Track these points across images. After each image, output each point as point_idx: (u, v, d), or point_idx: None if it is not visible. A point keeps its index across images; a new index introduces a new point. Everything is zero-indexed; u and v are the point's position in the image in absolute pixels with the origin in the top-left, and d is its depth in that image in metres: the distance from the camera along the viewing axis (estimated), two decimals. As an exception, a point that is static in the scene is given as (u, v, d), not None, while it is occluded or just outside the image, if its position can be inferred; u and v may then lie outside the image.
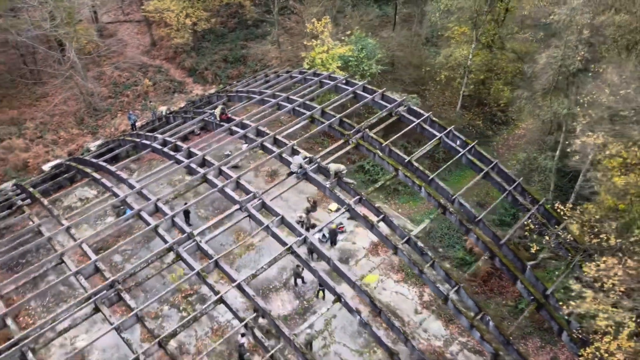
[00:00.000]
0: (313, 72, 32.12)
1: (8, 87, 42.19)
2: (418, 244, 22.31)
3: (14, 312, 18.33)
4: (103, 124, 39.81)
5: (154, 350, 17.25)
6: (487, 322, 20.97)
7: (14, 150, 35.91)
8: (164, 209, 21.76)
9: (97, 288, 18.12)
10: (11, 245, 21.65)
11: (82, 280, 18.62)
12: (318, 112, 27.38)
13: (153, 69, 46.15)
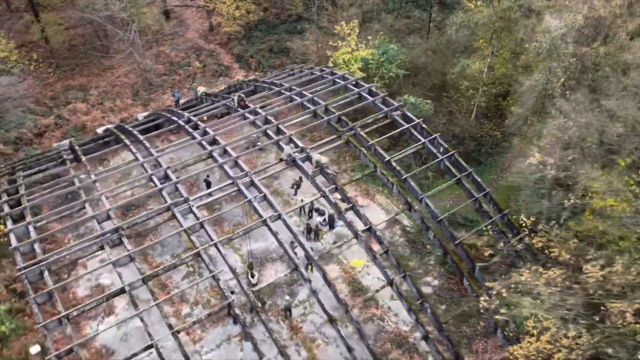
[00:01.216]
0: (330, 71, 35.65)
1: (82, 57, 48.89)
2: (377, 233, 25.58)
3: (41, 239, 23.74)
4: (154, 98, 45.46)
5: (137, 285, 21.98)
6: (425, 308, 24.00)
7: (77, 113, 42.33)
8: (171, 176, 26.44)
9: (104, 231, 23.12)
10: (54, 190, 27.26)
11: (95, 224, 23.70)
12: (322, 108, 30.99)
13: (206, 53, 51.32)
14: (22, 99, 42.79)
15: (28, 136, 40.69)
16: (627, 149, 19.56)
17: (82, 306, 20.38)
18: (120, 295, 22.22)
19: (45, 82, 46.25)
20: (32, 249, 22.63)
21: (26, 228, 23.42)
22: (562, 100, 23.65)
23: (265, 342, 29.99)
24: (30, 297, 20.65)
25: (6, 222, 23.61)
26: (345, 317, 31.19)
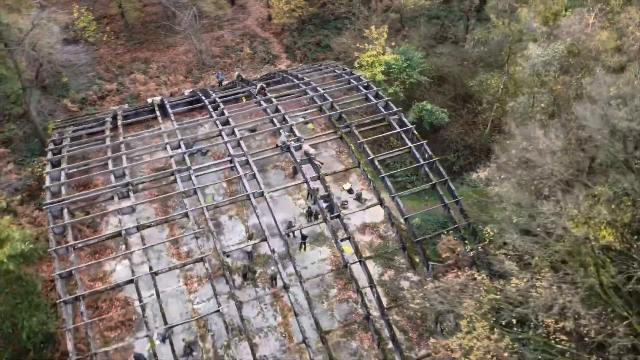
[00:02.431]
0: (349, 71, 38.86)
1: (150, 34, 55.26)
2: (344, 220, 28.87)
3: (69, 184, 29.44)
4: (204, 77, 50.74)
5: (133, 231, 26.98)
6: (374, 292, 27.06)
7: (136, 83, 48.57)
8: (182, 147, 31.22)
9: (115, 184, 28.33)
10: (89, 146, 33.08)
11: (112, 178, 29.00)
12: (327, 105, 34.45)
13: (259, 40, 55.94)
14: (94, 65, 49.76)
15: (92, 98, 47.40)
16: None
17: (85, 240, 25.64)
18: (117, 238, 27.34)
19: (116, 52, 53.01)
20: (60, 190, 28.27)
21: (59, 173, 29.18)
22: (531, 124, 25.51)
23: (249, 303, 34.39)
24: (49, 226, 26.22)
25: (46, 166, 29.44)
26: (323, 294, 35.14)
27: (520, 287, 23.22)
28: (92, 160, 30.85)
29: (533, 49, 27.03)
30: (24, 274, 27.87)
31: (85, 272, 34.84)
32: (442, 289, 26.04)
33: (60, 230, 26.59)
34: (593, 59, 26.39)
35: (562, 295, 18.37)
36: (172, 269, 28.39)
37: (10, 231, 25.43)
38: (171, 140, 31.38)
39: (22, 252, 25.54)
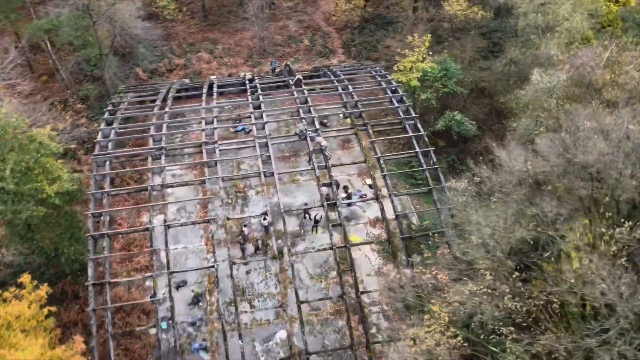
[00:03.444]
0: (384, 74, 41.61)
1: (223, 17, 60.73)
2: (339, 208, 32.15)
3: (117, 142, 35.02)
4: (263, 63, 55.33)
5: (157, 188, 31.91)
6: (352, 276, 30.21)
7: (201, 60, 54.17)
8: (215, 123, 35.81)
9: (151, 147, 33.42)
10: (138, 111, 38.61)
11: (150, 141, 34.16)
12: (352, 103, 37.60)
13: (320, 34, 59.65)
14: (169, 40, 55.98)
15: (162, 70, 53.55)
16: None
17: (117, 189, 30.94)
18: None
19: (189, 31, 58.95)
20: (107, 145, 33.87)
21: (110, 130, 34.81)
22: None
23: (257, 270, 38.73)
24: (92, 174, 31.82)
25: (101, 123, 35.17)
26: (323, 274, 38.74)
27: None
28: (139, 124, 36.24)
29: (536, 75, 28.48)
30: (69, 210, 33.89)
31: (126, 220, 40.83)
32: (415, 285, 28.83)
33: (100, 178, 32.15)
34: (596, 91, 27.48)
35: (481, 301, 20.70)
36: (183, 224, 33.13)
37: (62, 172, 31.20)
38: (206, 116, 36.05)
39: (68, 191, 31.28)
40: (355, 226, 42.05)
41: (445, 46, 47.11)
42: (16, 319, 24.95)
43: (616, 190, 18.33)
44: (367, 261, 39.71)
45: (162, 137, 34.54)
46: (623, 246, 17.98)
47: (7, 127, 28.68)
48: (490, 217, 20.25)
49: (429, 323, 27.18)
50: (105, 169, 32.49)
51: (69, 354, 24.78)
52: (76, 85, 49.45)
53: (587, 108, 27.12)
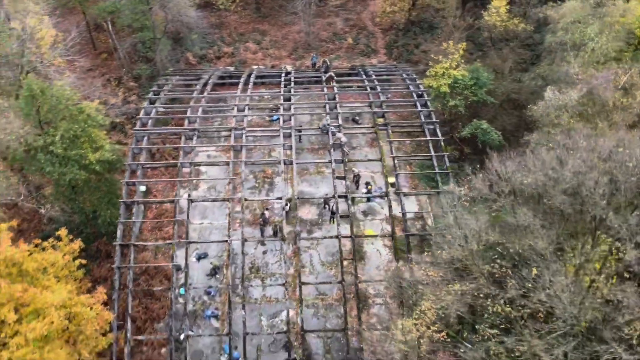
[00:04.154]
0: (414, 77, 43.29)
1: (274, 10, 63.74)
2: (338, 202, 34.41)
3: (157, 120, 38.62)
4: (305, 57, 57.91)
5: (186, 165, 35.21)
6: (354, 266, 32.47)
7: (247, 50, 57.41)
8: (246, 110, 38.81)
9: (185, 127, 36.75)
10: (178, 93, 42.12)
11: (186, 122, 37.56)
12: (377, 103, 39.64)
13: (365, 33, 61.57)
14: (221, 29, 59.61)
15: (211, 56, 57.18)
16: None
17: (151, 163, 34.47)
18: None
19: (241, 21, 62.38)
20: (147, 122, 37.53)
21: (151, 109, 38.48)
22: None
23: (273, 252, 41.59)
24: (131, 147, 35.53)
25: (145, 102, 38.91)
26: (334, 262, 41.10)
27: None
28: (178, 106, 39.78)
29: (549, 92, 29.47)
30: (109, 177, 37.85)
31: (161, 192, 44.65)
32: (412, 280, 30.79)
33: (137, 151, 35.84)
34: (607, 113, 28.30)
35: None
36: (204, 200, 36.34)
37: (104, 142, 35.10)
38: (239, 103, 39.11)
39: (108, 160, 35.16)
40: (372, 221, 44.01)
41: (480, 55, 48.02)
42: (51, 265, 28.84)
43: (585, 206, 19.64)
44: (378, 255, 41.70)
45: (197, 120, 37.84)
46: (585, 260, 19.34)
47: (61, 99, 32.67)
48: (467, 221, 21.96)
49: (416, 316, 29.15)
50: (143, 143, 36.12)
51: (92, 302, 28.41)
52: (131, 65, 53.79)
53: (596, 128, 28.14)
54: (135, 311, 36.84)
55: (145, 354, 35.72)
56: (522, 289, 19.47)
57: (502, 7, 46.47)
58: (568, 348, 16.92)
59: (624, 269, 18.80)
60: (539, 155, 23.65)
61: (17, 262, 26.42)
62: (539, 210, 21.51)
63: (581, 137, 24.33)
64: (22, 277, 27.04)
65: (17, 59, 35.47)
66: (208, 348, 35.82)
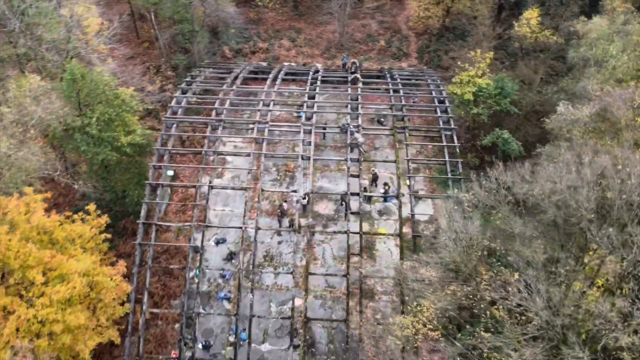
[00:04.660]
0: (438, 84, 44.28)
1: (311, 9, 65.62)
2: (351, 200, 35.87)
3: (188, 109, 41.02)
4: (338, 57, 59.47)
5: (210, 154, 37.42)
6: (360, 262, 33.96)
7: (281, 47, 59.41)
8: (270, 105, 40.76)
9: (212, 118, 38.96)
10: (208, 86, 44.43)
11: (213, 113, 39.79)
12: (398, 106, 40.90)
13: (399, 36, 62.66)
14: (259, 25, 61.83)
15: (246, 51, 59.47)
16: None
17: (177, 149, 36.80)
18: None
19: (278, 18, 64.47)
20: (178, 111, 39.93)
21: (182, 99, 40.88)
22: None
23: (287, 242, 43.46)
24: (161, 133, 37.99)
25: (177, 91, 41.35)
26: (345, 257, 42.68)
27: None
28: (208, 97, 42.08)
29: (561, 107, 30.08)
30: (139, 159, 40.47)
31: (187, 178, 47.16)
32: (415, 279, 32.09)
33: (166, 137, 38.30)
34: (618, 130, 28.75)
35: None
36: (223, 188, 38.51)
37: (136, 127, 37.68)
38: (265, 98, 41.06)
39: (139, 144, 37.73)
40: (386, 221, 45.32)
41: (509, 65, 48.47)
42: (79, 237, 31.51)
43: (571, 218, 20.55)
44: (389, 254, 43.01)
45: (224, 111, 40.02)
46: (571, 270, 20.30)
47: (99, 83, 35.36)
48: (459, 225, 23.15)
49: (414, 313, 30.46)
50: (172, 130, 38.55)
51: (113, 273, 30.93)
52: (170, 55, 56.60)
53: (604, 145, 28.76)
54: (154, 287, 39.41)
55: (160, 328, 38.23)
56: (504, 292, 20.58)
57: (533, 19, 46.79)
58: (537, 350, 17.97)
59: (605, 280, 19.66)
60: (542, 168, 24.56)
61: (48, 230, 29.11)
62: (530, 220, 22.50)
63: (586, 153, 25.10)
64: (52, 245, 29.74)
65: (63, 45, 38.32)
66: (218, 328, 38.04)
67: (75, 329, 27.69)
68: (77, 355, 28.96)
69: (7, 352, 24.95)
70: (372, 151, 49.72)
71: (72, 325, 27.05)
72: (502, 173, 25.05)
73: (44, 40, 37.02)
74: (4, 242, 26.22)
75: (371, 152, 48.03)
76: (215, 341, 37.04)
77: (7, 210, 27.82)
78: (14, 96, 31.79)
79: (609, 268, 19.68)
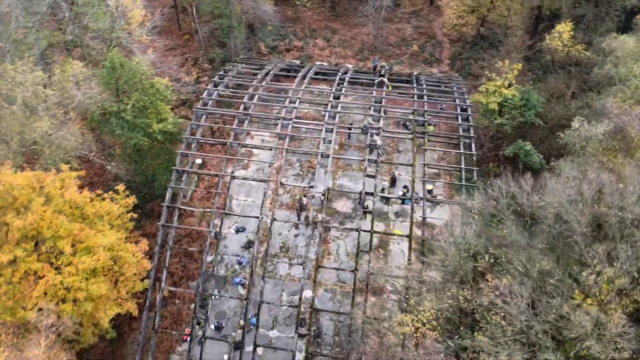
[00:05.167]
0: (461, 91, 45.09)
1: (348, 10, 67.07)
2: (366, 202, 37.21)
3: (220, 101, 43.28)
4: (370, 59, 60.76)
5: (235, 144, 39.49)
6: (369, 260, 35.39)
7: (315, 46, 61.14)
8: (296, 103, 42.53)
9: (239, 111, 41.00)
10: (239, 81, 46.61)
11: (242, 107, 41.83)
12: (421, 112, 41.97)
13: (433, 42, 63.42)
14: (296, 23, 63.75)
15: (281, 48, 61.46)
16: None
17: (205, 139, 39.00)
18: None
19: (314, 18, 66.21)
20: (208, 103, 42.18)
21: (214, 91, 43.09)
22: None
23: (304, 236, 45.18)
24: (190, 123, 40.31)
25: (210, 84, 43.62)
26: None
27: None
28: (239, 91, 44.19)
29: (576, 123, 30.62)
30: (169, 146, 42.94)
31: (215, 167, 49.48)
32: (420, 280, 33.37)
33: (195, 127, 40.60)
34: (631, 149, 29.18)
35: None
36: (244, 179, 40.51)
37: (168, 115, 40.10)
38: (292, 96, 42.84)
39: (169, 131, 40.14)
40: (402, 223, 46.45)
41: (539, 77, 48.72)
42: (107, 214, 34.06)
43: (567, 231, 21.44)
44: (402, 255, 44.19)
45: (251, 106, 42.03)
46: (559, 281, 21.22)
47: (137, 72, 37.87)
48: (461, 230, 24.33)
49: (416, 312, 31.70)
50: (201, 121, 40.84)
51: (135, 250, 33.35)
52: (208, 48, 59.11)
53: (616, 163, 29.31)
54: (174, 268, 41.86)
55: (177, 306, 40.65)
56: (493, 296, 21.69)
57: (565, 33, 46.94)
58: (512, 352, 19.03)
59: (586, 290, 20.51)
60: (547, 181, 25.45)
61: (80, 205, 31.72)
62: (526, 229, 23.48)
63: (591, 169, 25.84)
64: (82, 219, 32.38)
65: (107, 34, 41.08)
66: (231, 311, 40.16)
67: (97, 298, 30.18)
68: (97, 322, 31.50)
69: (35, 312, 27.58)
70: (395, 154, 50.99)
71: (94, 294, 29.53)
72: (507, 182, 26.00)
73: (90, 29, 39.79)
74: (40, 212, 28.89)
75: (394, 155, 49.32)
76: (227, 323, 39.19)
77: (44, 184, 30.51)
78: (58, 80, 34.58)
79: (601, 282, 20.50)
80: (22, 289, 28.37)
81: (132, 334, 38.97)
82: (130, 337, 38.99)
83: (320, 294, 41.41)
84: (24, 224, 27.90)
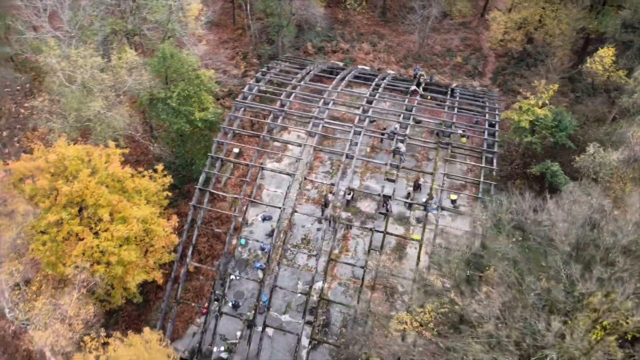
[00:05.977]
0: (493, 107, 46.29)
1: (397, 17, 68.76)
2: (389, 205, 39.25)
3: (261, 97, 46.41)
4: (413, 67, 62.45)
5: (266, 138, 42.50)
6: (379, 258, 37.56)
7: (360, 50, 63.38)
8: (329, 104, 45.05)
9: (276, 107, 43.94)
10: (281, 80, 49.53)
11: (278, 103, 44.80)
12: (448, 123, 43.60)
13: (478, 55, 64.38)
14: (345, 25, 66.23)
15: (327, 49, 64.10)
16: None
17: (239, 130, 42.19)
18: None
19: (363, 22, 68.46)
20: (248, 97, 45.36)
21: (254, 86, 46.25)
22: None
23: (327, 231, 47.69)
24: (229, 114, 43.62)
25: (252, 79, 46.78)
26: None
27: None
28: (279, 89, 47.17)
29: (591, 148, 31.56)
30: (209, 134, 46.48)
31: (250, 157, 52.75)
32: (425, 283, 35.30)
33: (233, 118, 43.87)
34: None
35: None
36: (273, 170, 43.43)
37: (210, 105, 43.56)
38: (326, 97, 45.38)
39: (210, 120, 43.60)
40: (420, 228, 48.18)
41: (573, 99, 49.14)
42: (145, 190, 37.76)
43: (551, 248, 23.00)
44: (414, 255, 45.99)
45: (287, 103, 44.90)
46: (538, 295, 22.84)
47: (185, 63, 41.44)
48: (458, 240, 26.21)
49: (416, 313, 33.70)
50: (239, 113, 44.09)
51: (166, 224, 36.89)
52: (258, 44, 62.54)
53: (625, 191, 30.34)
54: (202, 246, 45.43)
55: (200, 282, 44.17)
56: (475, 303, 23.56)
57: (607, 58, 47.22)
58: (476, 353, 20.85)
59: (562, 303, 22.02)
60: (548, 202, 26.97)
61: (121, 179, 35.52)
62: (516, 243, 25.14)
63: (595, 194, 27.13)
64: (122, 192, 36.19)
65: (163, 26, 44.94)
66: (249, 292, 43.30)
67: (127, 264, 33.88)
68: (126, 285, 35.25)
69: (72, 269, 31.49)
70: (424, 161, 52.75)
71: (125, 260, 33.22)
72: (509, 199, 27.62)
73: (148, 20, 43.70)
74: (85, 182, 32.82)
75: (423, 163, 51.08)
76: (243, 303, 42.35)
77: (91, 158, 34.46)
78: (114, 65, 38.58)
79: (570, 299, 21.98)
80: (64, 247, 32.37)
81: (157, 302, 42.75)
82: (155, 304, 42.79)
83: (333, 287, 43.90)
84: (70, 190, 31.84)
